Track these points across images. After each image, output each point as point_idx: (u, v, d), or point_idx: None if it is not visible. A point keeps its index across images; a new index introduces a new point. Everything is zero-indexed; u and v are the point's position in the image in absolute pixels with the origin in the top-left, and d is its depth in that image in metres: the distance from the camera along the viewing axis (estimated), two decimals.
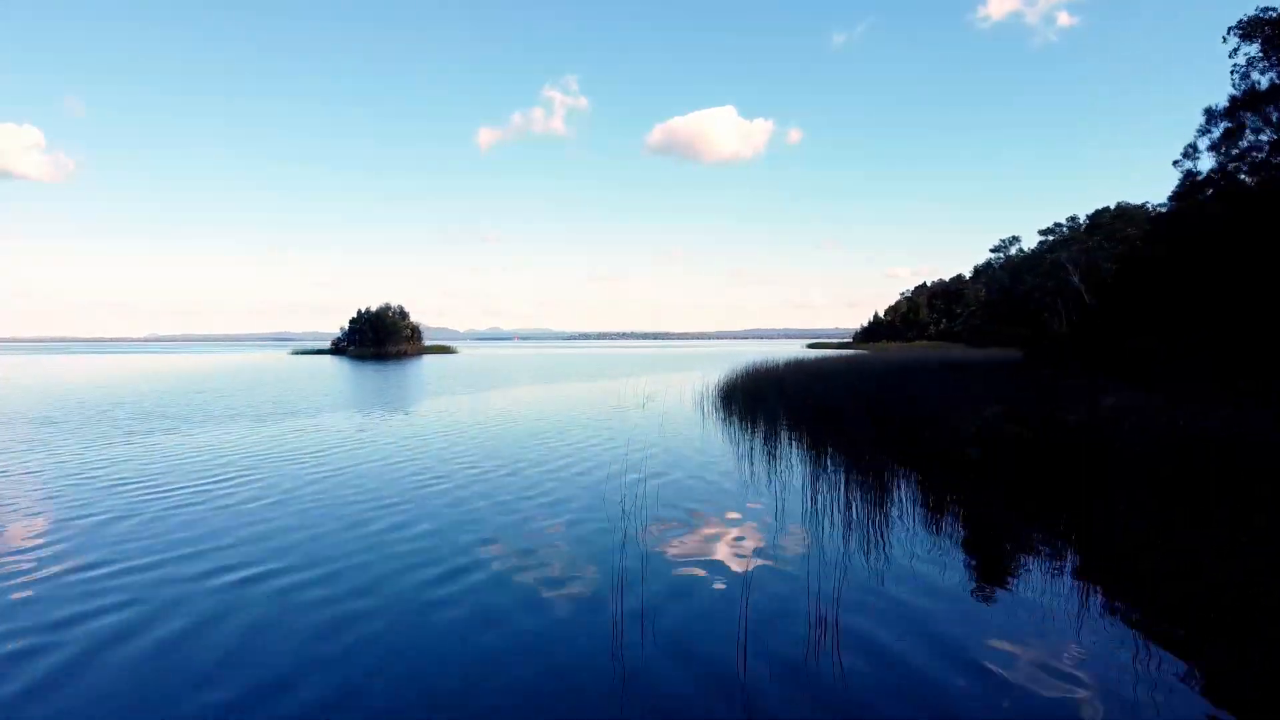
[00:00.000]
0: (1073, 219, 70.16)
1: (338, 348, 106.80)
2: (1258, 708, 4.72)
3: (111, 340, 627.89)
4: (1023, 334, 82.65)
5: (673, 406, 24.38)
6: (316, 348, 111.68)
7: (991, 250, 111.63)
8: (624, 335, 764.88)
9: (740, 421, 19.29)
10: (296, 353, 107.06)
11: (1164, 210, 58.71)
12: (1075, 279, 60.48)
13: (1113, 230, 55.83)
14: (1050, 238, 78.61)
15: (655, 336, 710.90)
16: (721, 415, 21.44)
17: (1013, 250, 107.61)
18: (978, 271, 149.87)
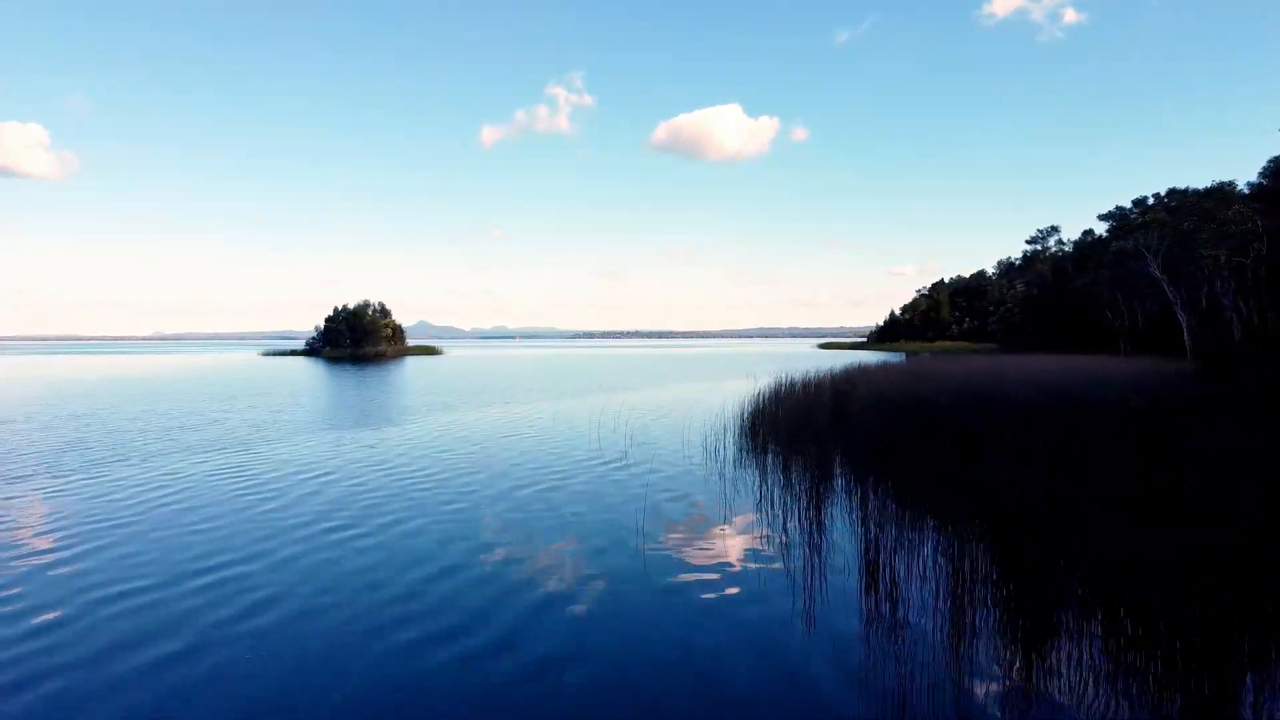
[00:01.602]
0: (1141, 201, 60.57)
1: (312, 348, 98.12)
2: None
3: (114, 339, 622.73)
4: (1079, 335, 72.90)
5: (672, 460, 15.36)
6: (290, 349, 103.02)
7: (1028, 242, 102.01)
8: (628, 334, 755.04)
9: (796, 505, 10.27)
10: (267, 354, 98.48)
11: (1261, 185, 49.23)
12: (1155, 268, 51.16)
13: (1205, 211, 46.60)
14: (1109, 223, 69.01)
15: (659, 335, 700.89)
16: (752, 485, 12.44)
17: (1051, 241, 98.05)
18: (1007, 266, 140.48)
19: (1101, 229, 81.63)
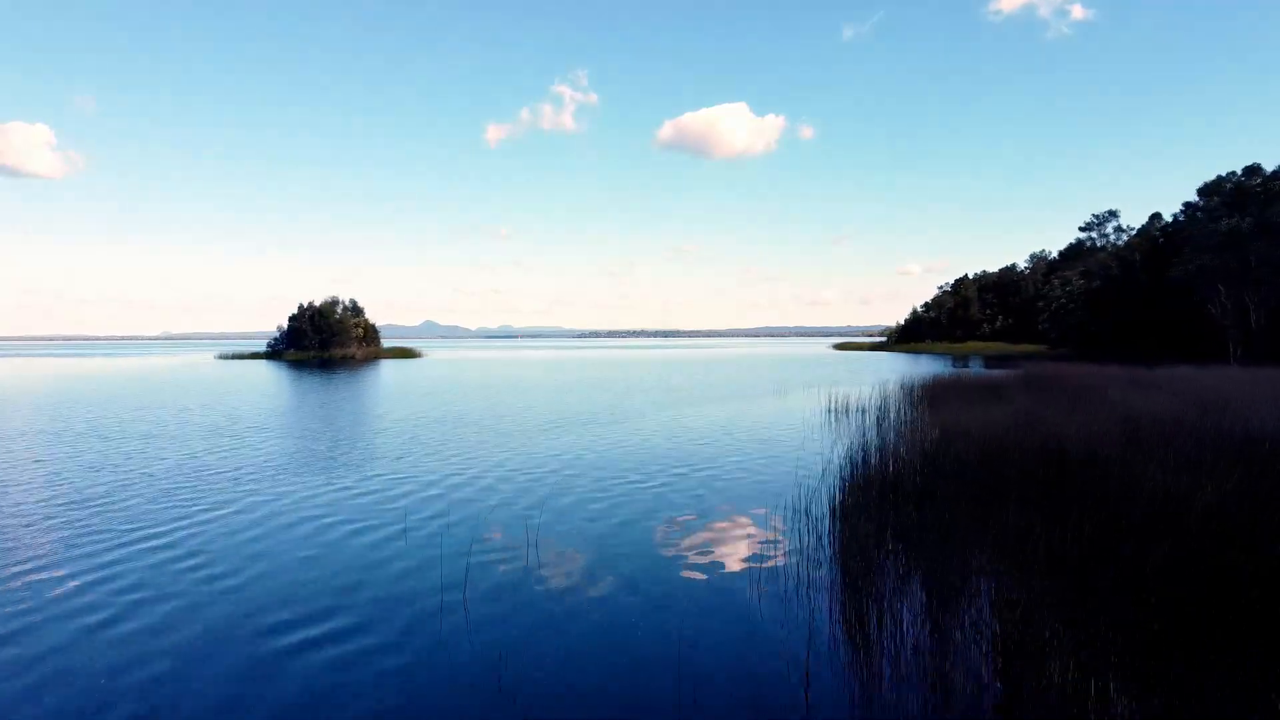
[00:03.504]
0: (1255, 169, 49.02)
1: (274, 349, 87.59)
2: None
3: (122, 339, 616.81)
4: (1166, 334, 61.44)
5: None
6: (252, 350, 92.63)
7: (1081, 229, 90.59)
8: (634, 333, 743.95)
9: None
10: (223, 356, 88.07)
11: None
12: None
13: None
14: (1212, 199, 57.41)
15: (665, 334, 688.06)
16: None
17: (1109, 228, 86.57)
18: (1041, 258, 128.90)
19: (1170, 212, 70.17)
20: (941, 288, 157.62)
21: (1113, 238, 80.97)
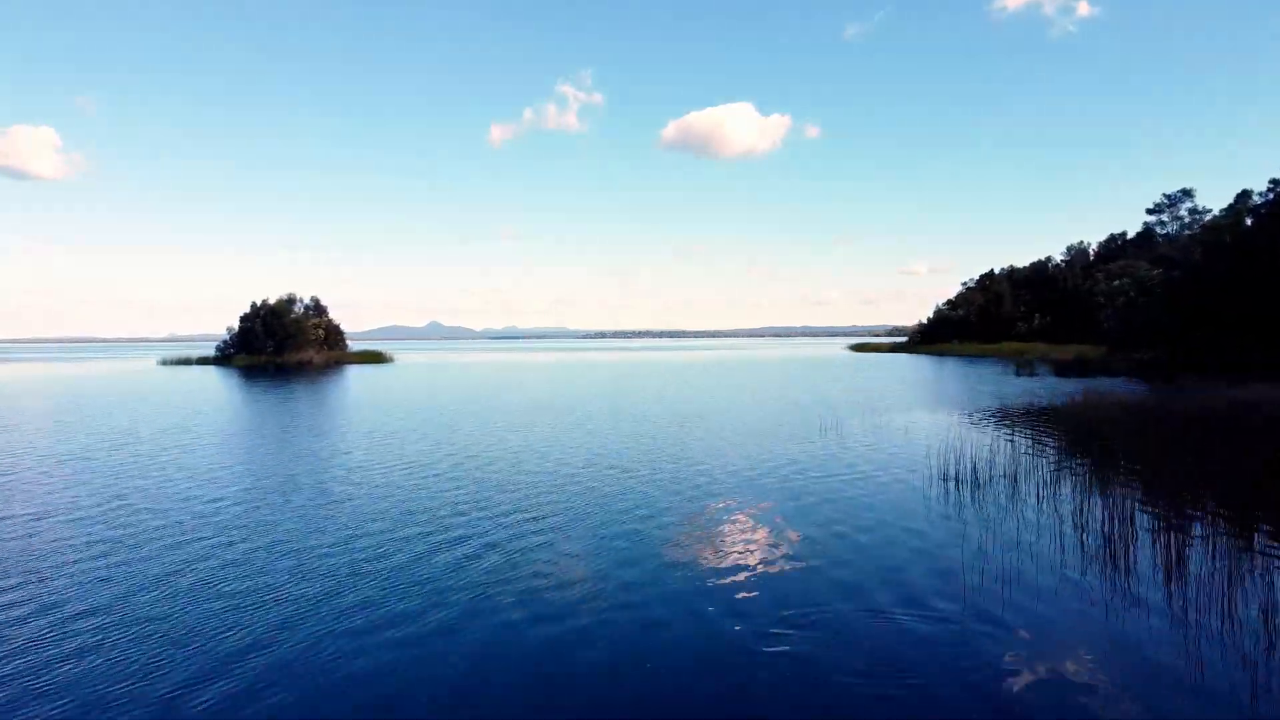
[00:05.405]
0: None
1: (223, 354, 77.41)
2: None
3: (128, 341, 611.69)
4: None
5: None
6: (200, 355, 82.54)
7: (1149, 211, 79.15)
8: (639, 334, 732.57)
9: None
10: (165, 362, 78.05)
11: None
12: None
13: None
14: None
15: (670, 334, 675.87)
16: None
17: (1183, 209, 75.25)
18: (1081, 250, 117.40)
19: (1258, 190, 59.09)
20: (965, 284, 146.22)
21: (1187, 220, 69.75)
